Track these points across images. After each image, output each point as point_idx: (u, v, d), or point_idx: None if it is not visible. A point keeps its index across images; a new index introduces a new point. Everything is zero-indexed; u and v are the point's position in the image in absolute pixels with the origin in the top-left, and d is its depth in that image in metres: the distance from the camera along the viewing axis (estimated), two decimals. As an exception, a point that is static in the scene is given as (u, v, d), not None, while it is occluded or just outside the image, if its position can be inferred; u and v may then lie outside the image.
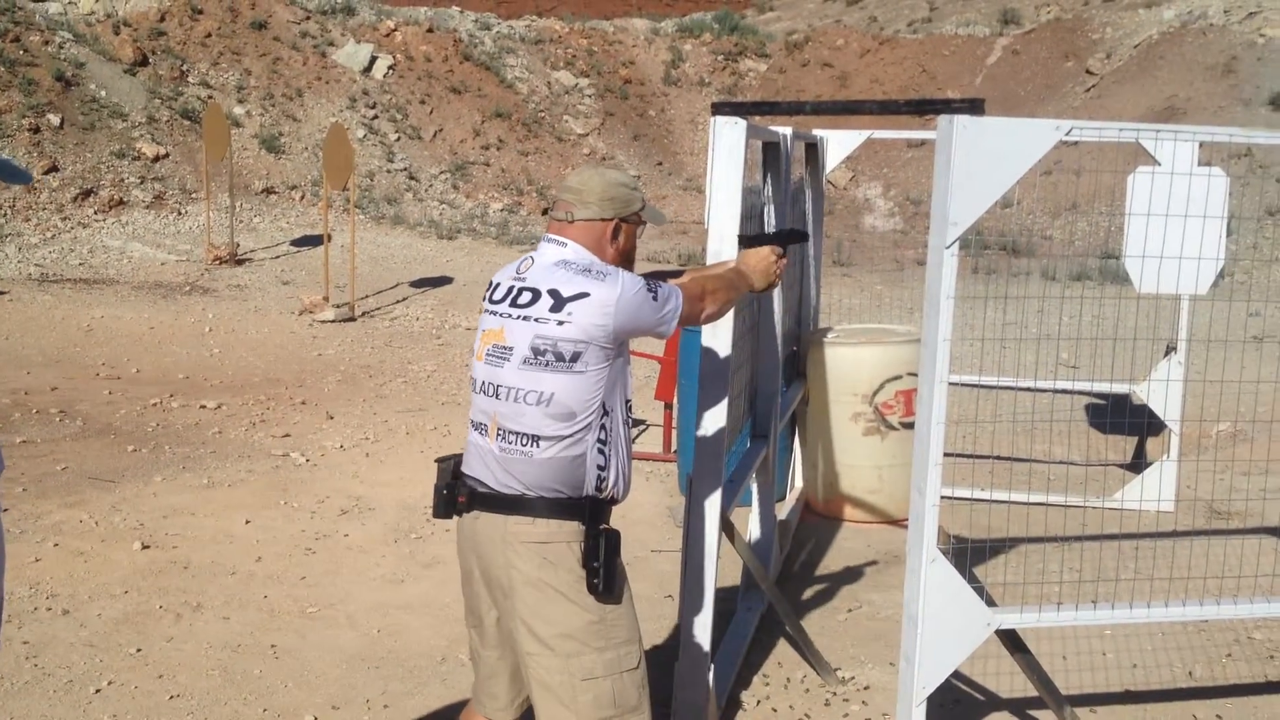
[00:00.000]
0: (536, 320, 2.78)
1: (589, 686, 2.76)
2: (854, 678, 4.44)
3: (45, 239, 14.01)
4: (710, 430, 3.87)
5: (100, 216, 14.85)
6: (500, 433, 2.81)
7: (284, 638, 4.73)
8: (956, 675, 3.87)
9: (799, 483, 6.69)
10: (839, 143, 6.44)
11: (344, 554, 5.73)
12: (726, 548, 4.06)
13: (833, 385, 6.28)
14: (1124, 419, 7.48)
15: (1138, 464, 7.23)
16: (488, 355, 2.86)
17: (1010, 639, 3.61)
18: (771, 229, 4.93)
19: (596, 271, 2.80)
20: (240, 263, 14.24)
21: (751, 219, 4.51)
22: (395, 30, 22.84)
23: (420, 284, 14.01)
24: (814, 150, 6.23)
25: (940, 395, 3.26)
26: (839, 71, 25.72)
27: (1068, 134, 3.23)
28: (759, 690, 4.34)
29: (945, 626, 3.37)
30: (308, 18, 21.71)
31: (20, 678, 4.29)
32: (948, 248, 3.19)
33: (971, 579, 3.44)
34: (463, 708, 3.19)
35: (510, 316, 2.83)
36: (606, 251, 2.91)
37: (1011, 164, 3.18)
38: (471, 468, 2.89)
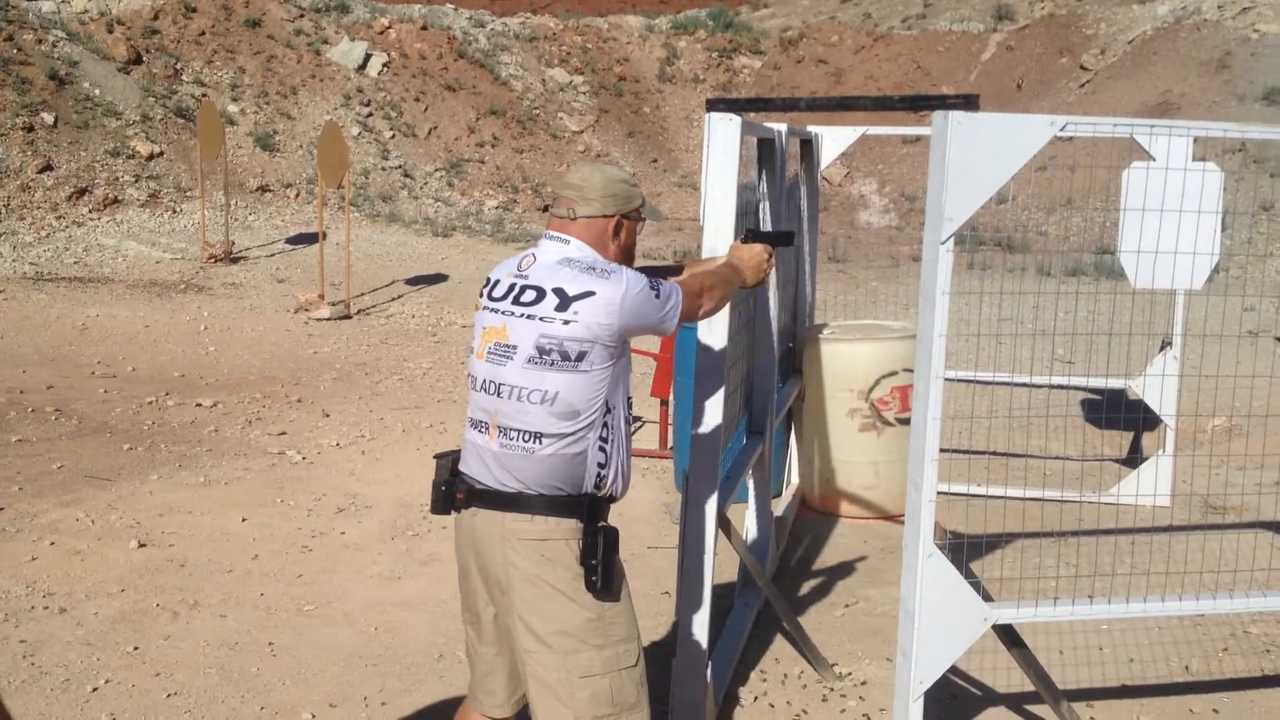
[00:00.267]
0: (541, 319, 2.76)
1: (587, 684, 2.76)
2: (851, 673, 4.44)
3: (40, 237, 13.99)
4: (706, 427, 3.87)
5: (95, 215, 14.83)
6: (501, 431, 2.79)
7: (281, 635, 4.73)
8: (953, 670, 3.88)
9: (795, 479, 6.70)
10: (834, 139, 6.44)
11: (341, 551, 5.73)
12: (723, 544, 4.06)
13: (829, 381, 6.29)
14: (1120, 414, 7.49)
15: (1133, 459, 7.25)
16: (489, 353, 2.83)
17: (1007, 634, 3.62)
18: (766, 228, 4.94)
19: (601, 270, 2.79)
20: (235, 261, 14.23)
21: (746, 215, 4.52)
22: (389, 28, 22.82)
23: (415, 281, 14.00)
24: (809, 147, 6.23)
25: (936, 391, 3.27)
26: (833, 68, 25.74)
27: (1062, 129, 3.23)
28: (756, 686, 4.35)
29: (942, 622, 3.38)
30: (301, 15, 21.69)
31: (17, 676, 4.29)
32: (943, 243, 3.19)
33: (968, 574, 3.44)
34: (459, 705, 3.19)
35: (513, 314, 2.80)
36: (608, 248, 2.90)
37: (1006, 160, 3.19)
38: (469, 466, 2.88)
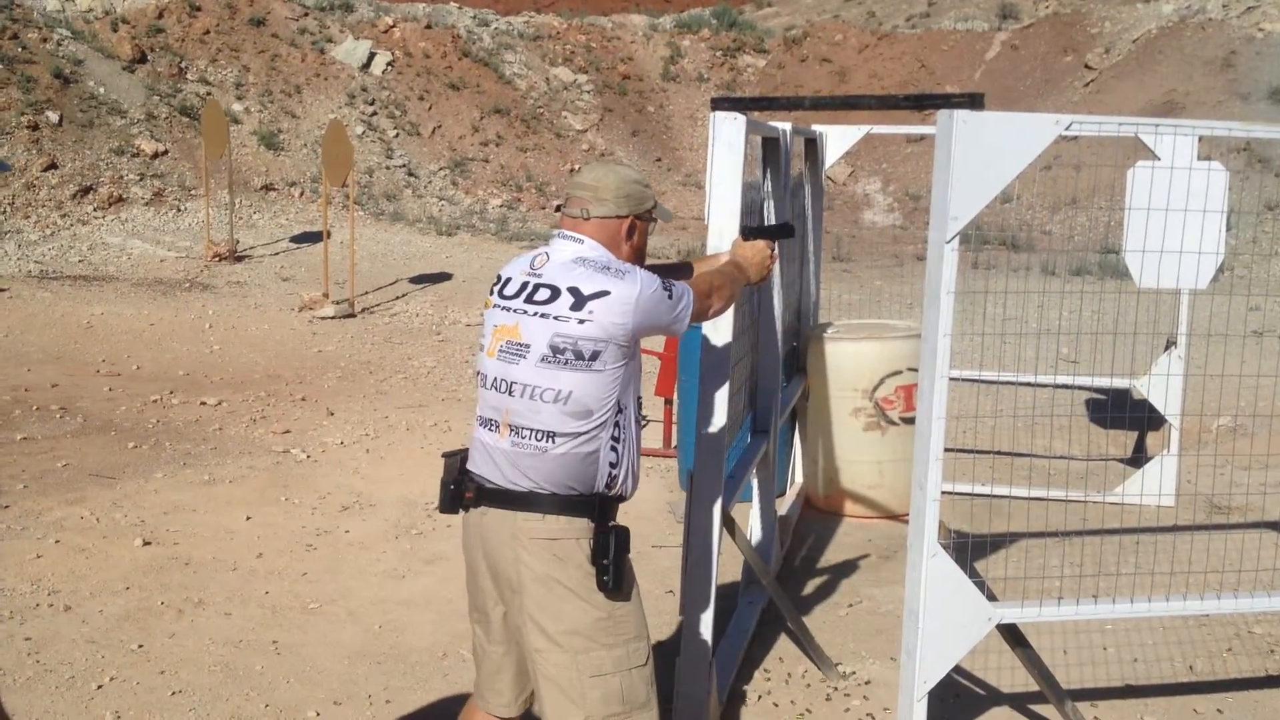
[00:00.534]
0: (556, 318, 2.75)
1: (598, 683, 2.76)
2: (855, 672, 4.44)
3: (45, 236, 14.01)
4: (711, 426, 3.87)
5: (100, 213, 14.85)
6: (513, 429, 2.79)
7: (285, 634, 4.73)
8: (957, 670, 3.88)
9: (799, 478, 6.69)
10: (838, 138, 6.45)
11: (345, 550, 5.73)
12: (727, 543, 4.06)
13: (833, 380, 6.29)
14: (1124, 414, 7.48)
15: (1138, 459, 7.24)
16: (500, 352, 2.82)
17: (1011, 634, 3.62)
18: (772, 222, 4.94)
19: (615, 270, 2.78)
20: (240, 259, 14.24)
21: (751, 214, 4.52)
22: (394, 27, 22.82)
23: (420, 280, 14.00)
24: (813, 146, 6.23)
25: (941, 390, 3.27)
26: (838, 67, 25.71)
27: (1067, 129, 3.23)
28: (760, 685, 4.35)
29: (946, 621, 3.37)
30: (306, 14, 21.70)
31: (22, 674, 4.29)
32: (948, 242, 3.19)
33: (972, 574, 3.45)
34: (464, 703, 3.19)
35: (526, 313, 2.79)
36: (621, 248, 2.90)
37: (1011, 159, 3.19)
38: (477, 465, 2.87)
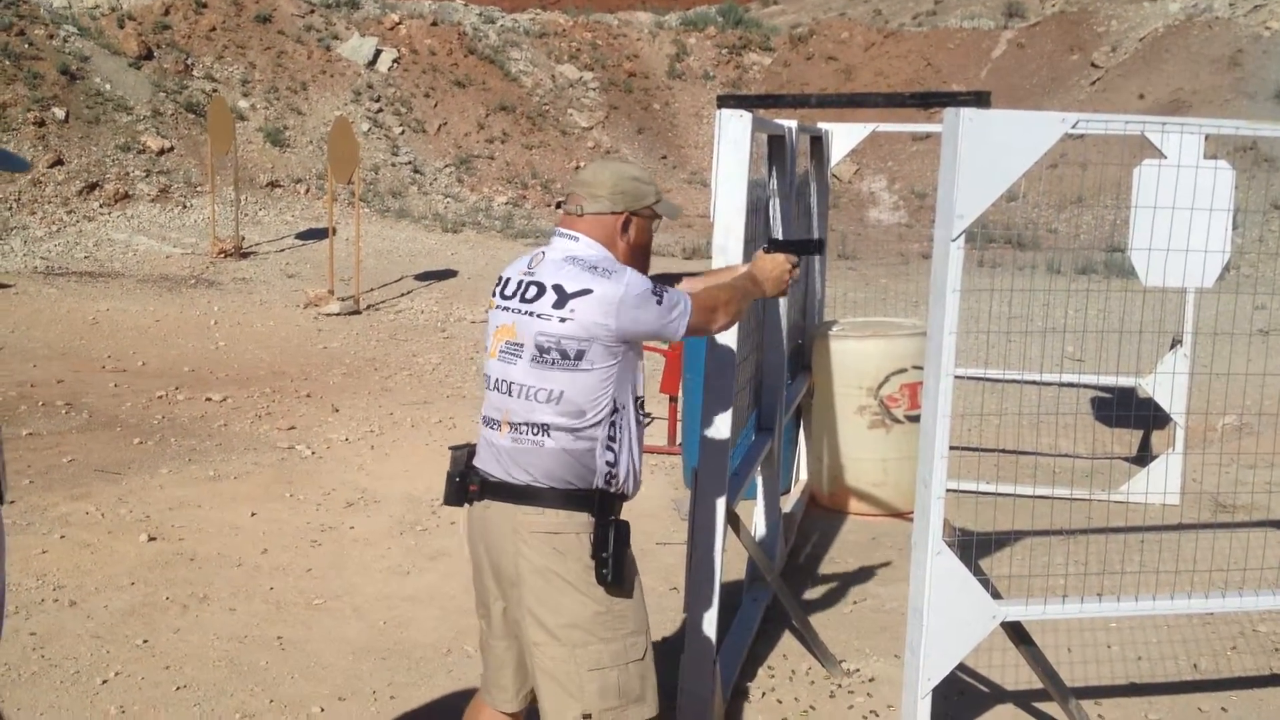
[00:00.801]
0: (539, 316, 2.76)
1: (595, 677, 2.76)
2: (859, 670, 4.44)
3: (51, 232, 14.03)
4: (715, 423, 3.87)
5: (105, 210, 14.87)
6: (511, 427, 2.81)
7: (290, 629, 4.74)
8: (961, 667, 3.87)
9: (804, 475, 6.69)
10: (844, 136, 6.44)
11: (350, 546, 5.74)
12: (731, 540, 4.06)
13: (838, 378, 6.28)
14: (1129, 412, 7.48)
15: (1143, 457, 7.24)
16: (500, 352, 2.83)
17: (1015, 631, 3.62)
18: (774, 227, 4.94)
19: (603, 269, 2.77)
20: (245, 256, 14.25)
21: (756, 212, 4.51)
22: (399, 24, 22.84)
23: (425, 277, 14.01)
24: (819, 144, 6.22)
25: (946, 388, 3.27)
26: (843, 65, 25.70)
27: (1074, 127, 3.23)
28: (764, 682, 4.35)
29: (950, 619, 3.37)
30: (312, 11, 21.72)
31: (27, 668, 4.30)
32: (953, 240, 3.19)
33: (977, 571, 3.44)
34: (468, 699, 3.20)
35: (519, 312, 2.81)
36: (618, 245, 2.88)
37: (1017, 157, 3.18)
38: (483, 460, 2.89)
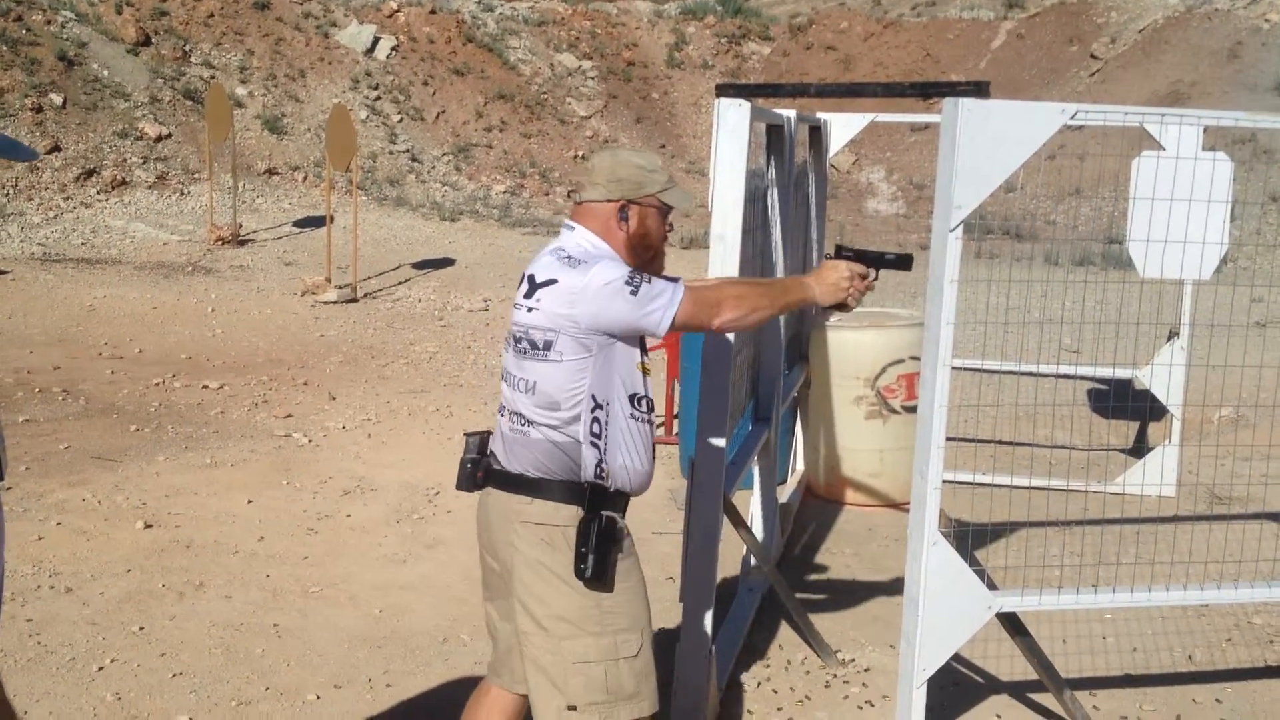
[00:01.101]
0: (515, 306, 2.82)
1: (580, 670, 2.73)
2: (854, 660, 4.45)
3: (48, 218, 14.01)
4: (712, 413, 3.87)
5: (103, 196, 14.84)
6: (509, 415, 2.84)
7: (286, 617, 4.74)
8: (957, 658, 3.88)
9: (800, 466, 6.70)
10: (842, 126, 6.42)
11: (346, 534, 5.74)
12: (728, 530, 4.07)
13: (835, 369, 6.28)
14: (1126, 404, 7.48)
15: (1139, 449, 7.24)
16: (508, 341, 2.89)
17: (1011, 622, 3.62)
18: (775, 219, 4.92)
19: (576, 259, 2.73)
20: (243, 243, 14.23)
21: (754, 202, 4.50)
22: (398, 11, 22.78)
23: (422, 265, 14.00)
24: (817, 134, 6.21)
25: (943, 379, 3.27)
26: (842, 55, 25.66)
27: (1073, 118, 3.22)
28: (759, 672, 4.35)
29: (946, 609, 3.38)
30: (310, -2, 21.67)
31: (23, 655, 4.30)
32: (951, 231, 3.18)
33: (972, 562, 3.45)
34: (465, 687, 3.20)
35: (514, 302, 2.86)
36: (615, 235, 2.83)
37: (1016, 147, 3.18)
38: (494, 447, 2.92)
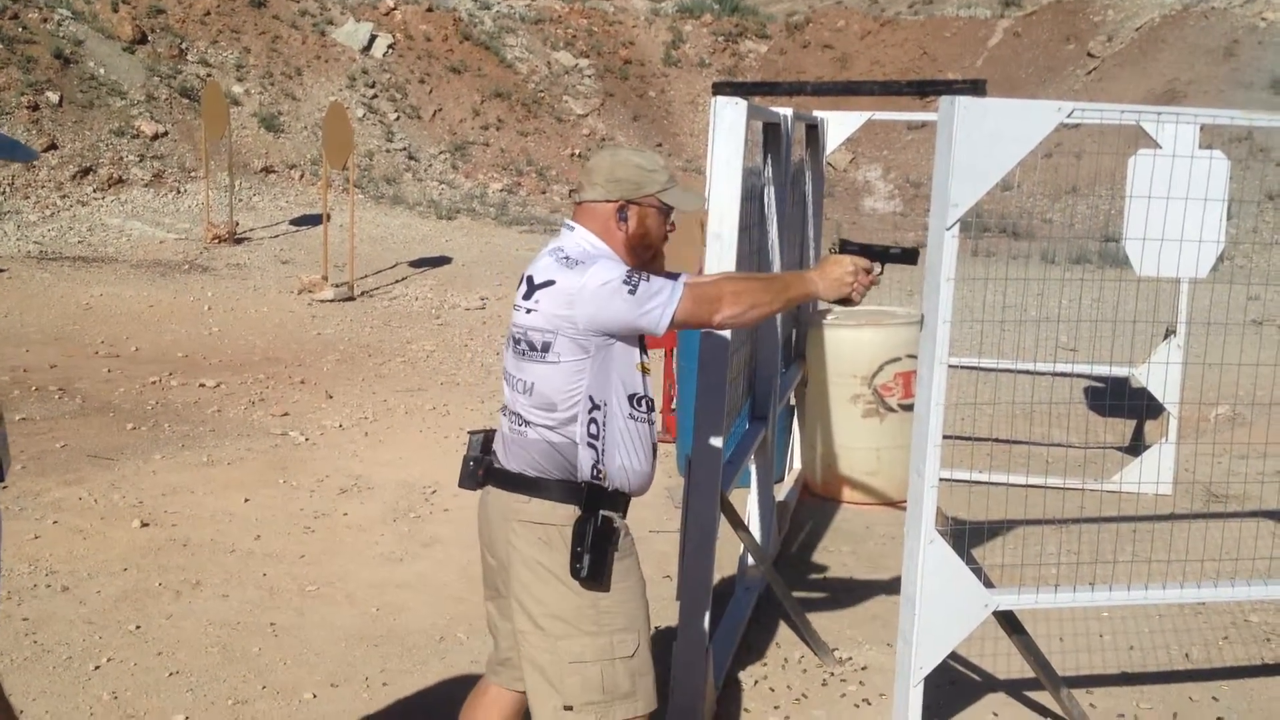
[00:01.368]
0: (515, 307, 2.81)
1: (576, 669, 2.72)
2: (851, 658, 4.45)
3: (44, 217, 13.99)
4: (709, 411, 3.87)
5: (99, 194, 14.83)
6: (509, 415, 2.85)
7: (283, 616, 4.74)
8: (954, 656, 3.88)
9: (797, 464, 6.70)
10: (839, 124, 6.43)
11: (343, 533, 5.74)
12: (725, 528, 4.06)
13: (832, 367, 6.28)
14: (1123, 402, 7.49)
15: (1136, 447, 7.25)
16: (508, 343, 2.89)
17: (1008, 620, 3.62)
18: (771, 217, 4.91)
19: (574, 259, 2.72)
20: (239, 241, 14.22)
21: (751, 200, 4.50)
22: (395, 9, 22.76)
23: (419, 264, 13.99)
24: (814, 132, 6.21)
25: (940, 377, 3.27)
26: (839, 53, 25.67)
27: (1069, 116, 3.22)
28: (756, 670, 4.35)
29: (943, 607, 3.38)
30: (307, -4, 21.64)
31: (20, 654, 4.30)
32: (948, 229, 3.18)
33: (969, 560, 3.45)
34: (462, 685, 3.20)
35: (514, 303, 2.86)
36: (615, 236, 2.80)
37: (1013, 145, 3.18)
38: (496, 446, 2.91)
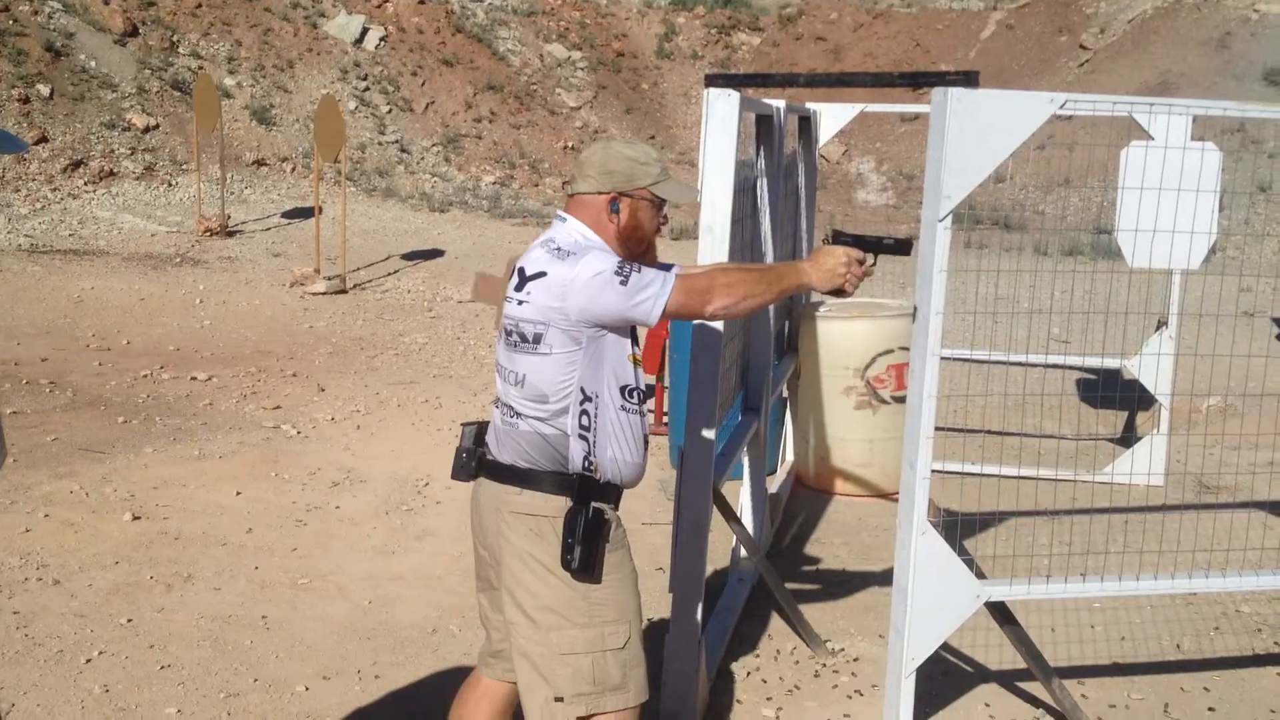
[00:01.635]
0: (506, 299, 2.81)
1: (567, 661, 2.72)
2: (843, 649, 4.46)
3: (35, 210, 13.94)
4: (702, 403, 3.87)
5: (90, 187, 14.78)
6: (500, 406, 2.85)
7: (275, 609, 4.73)
8: (945, 647, 3.89)
9: (790, 456, 6.70)
10: (832, 116, 6.42)
11: (335, 526, 5.73)
12: (717, 520, 4.06)
13: (825, 359, 6.29)
14: (1114, 393, 7.50)
15: (1128, 438, 7.26)
16: (500, 334, 2.88)
17: (999, 611, 3.63)
18: (764, 209, 4.91)
19: (566, 250, 2.72)
20: (231, 234, 14.19)
21: (744, 192, 4.50)
22: (387, 2, 22.70)
23: (411, 256, 13.98)
24: (807, 124, 6.21)
25: (932, 369, 3.27)
26: (832, 45, 25.66)
27: (1062, 107, 3.22)
28: (749, 662, 4.36)
29: (935, 598, 3.38)
30: (298, -12, 21.58)
31: (10, 647, 4.29)
32: (940, 221, 3.18)
33: (961, 552, 3.46)
34: (454, 678, 3.19)
35: (506, 295, 2.85)
36: (607, 228, 2.81)
37: (1005, 137, 3.18)
38: (489, 438, 2.91)
